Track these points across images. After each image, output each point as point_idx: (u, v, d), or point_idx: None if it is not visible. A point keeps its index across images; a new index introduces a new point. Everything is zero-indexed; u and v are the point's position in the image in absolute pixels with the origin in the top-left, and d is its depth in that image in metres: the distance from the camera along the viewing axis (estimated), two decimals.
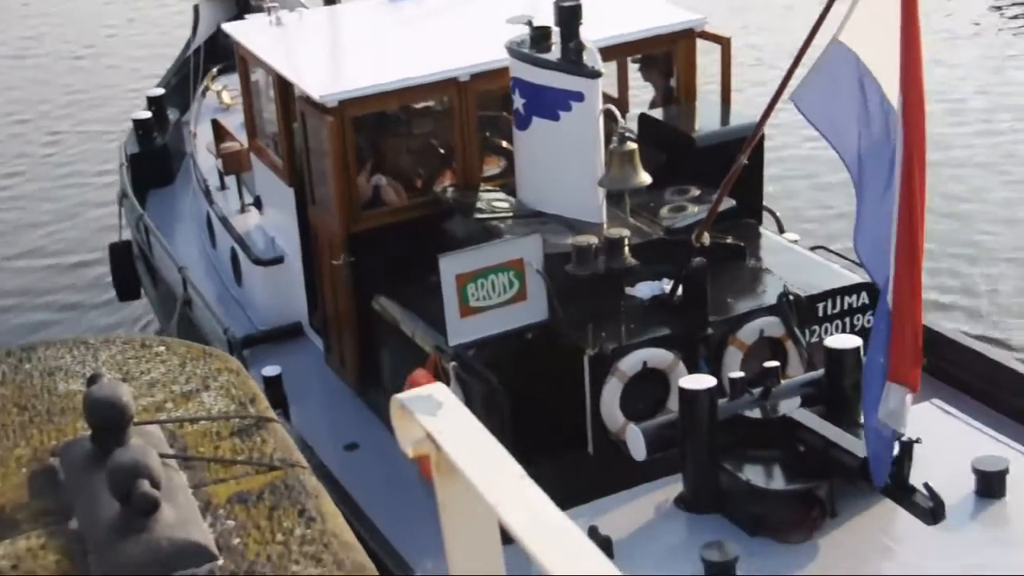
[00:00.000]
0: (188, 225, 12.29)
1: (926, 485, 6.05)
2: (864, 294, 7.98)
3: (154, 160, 12.79)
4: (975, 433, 7.22)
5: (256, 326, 10.40)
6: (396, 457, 8.83)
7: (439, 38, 9.43)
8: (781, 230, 9.93)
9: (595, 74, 8.04)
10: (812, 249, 9.23)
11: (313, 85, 8.76)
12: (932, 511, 6.00)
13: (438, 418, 2.51)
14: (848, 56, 6.15)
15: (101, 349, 4.00)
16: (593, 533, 6.36)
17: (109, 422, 3.27)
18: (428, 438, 2.49)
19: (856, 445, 6.43)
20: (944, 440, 6.99)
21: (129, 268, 12.39)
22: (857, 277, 8.23)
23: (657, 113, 9.46)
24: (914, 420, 6.98)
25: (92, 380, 3.43)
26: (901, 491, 6.15)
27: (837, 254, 9.30)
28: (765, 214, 9.88)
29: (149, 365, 3.92)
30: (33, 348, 4.05)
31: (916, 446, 6.39)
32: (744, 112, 9.30)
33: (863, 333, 7.66)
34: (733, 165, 7.44)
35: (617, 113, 8.08)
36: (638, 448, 6.71)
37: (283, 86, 9.34)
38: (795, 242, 9.22)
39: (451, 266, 7.45)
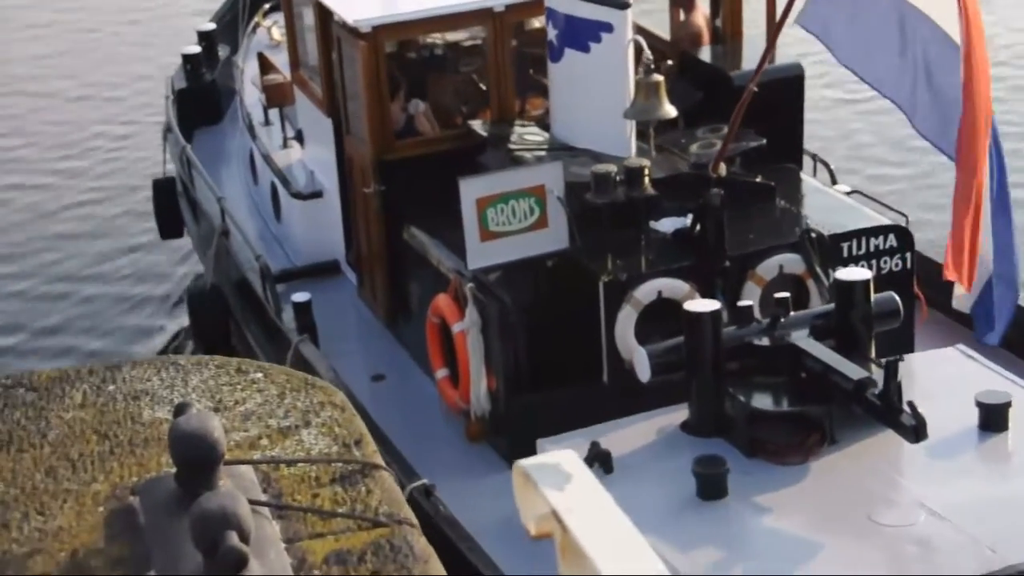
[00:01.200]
0: (234, 164, 13.07)
1: (910, 404, 6.67)
2: (892, 236, 8.52)
3: (202, 96, 13.58)
4: (991, 375, 7.79)
5: (293, 262, 11.17)
6: (419, 387, 9.59)
7: None
8: (834, 181, 10.48)
9: (623, 5, 8.71)
10: (848, 194, 9.79)
11: (349, 11, 9.55)
12: (915, 429, 6.63)
13: (566, 494, 2.37)
14: None
15: (192, 372, 3.86)
16: (594, 447, 7.07)
17: (196, 460, 3.15)
18: (553, 515, 2.37)
19: (852, 370, 7.04)
20: (959, 380, 7.59)
21: (172, 205, 13.20)
22: (886, 220, 8.79)
23: (704, 52, 10.12)
24: (935, 361, 7.63)
25: (180, 410, 3.28)
26: (888, 411, 6.77)
27: (874, 199, 9.84)
28: (818, 165, 10.45)
29: (244, 394, 3.75)
30: (118, 367, 3.92)
31: (929, 386, 7.07)
32: (789, 53, 9.90)
33: (890, 276, 8.24)
34: (747, 96, 8.08)
35: (644, 44, 8.75)
36: (643, 369, 7.37)
37: (323, 14, 10.14)
38: (847, 194, 9.74)
39: (471, 189, 8.15)
